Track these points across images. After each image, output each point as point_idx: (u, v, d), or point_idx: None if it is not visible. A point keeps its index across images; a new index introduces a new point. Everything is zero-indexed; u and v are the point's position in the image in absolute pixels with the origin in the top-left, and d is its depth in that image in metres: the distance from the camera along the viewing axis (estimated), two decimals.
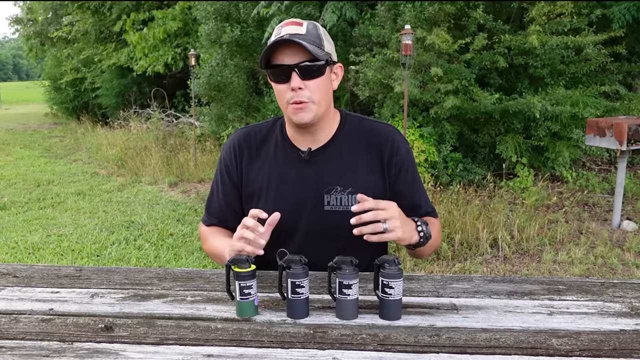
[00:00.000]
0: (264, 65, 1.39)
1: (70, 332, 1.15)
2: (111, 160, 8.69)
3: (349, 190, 1.44)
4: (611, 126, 4.62)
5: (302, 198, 1.46)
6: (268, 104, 7.89)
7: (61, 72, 15.22)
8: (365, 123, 1.53)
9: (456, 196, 5.25)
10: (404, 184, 1.51)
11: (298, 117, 1.39)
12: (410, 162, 1.52)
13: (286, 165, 1.48)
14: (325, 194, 1.45)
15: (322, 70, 1.38)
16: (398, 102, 5.84)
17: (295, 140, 1.49)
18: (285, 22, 1.39)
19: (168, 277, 1.46)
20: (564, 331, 1.14)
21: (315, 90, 1.37)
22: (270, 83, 1.44)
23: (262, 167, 1.51)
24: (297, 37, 1.33)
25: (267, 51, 1.36)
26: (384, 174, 1.48)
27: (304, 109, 1.37)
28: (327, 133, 1.48)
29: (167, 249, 4.64)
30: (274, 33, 1.38)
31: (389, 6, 6.13)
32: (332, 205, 1.45)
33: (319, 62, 1.36)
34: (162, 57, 10.46)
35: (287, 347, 1.08)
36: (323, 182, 1.46)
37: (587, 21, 5.75)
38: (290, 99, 1.37)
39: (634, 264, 4.09)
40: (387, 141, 1.48)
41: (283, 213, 1.38)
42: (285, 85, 1.37)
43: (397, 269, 1.20)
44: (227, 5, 7.98)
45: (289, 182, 1.47)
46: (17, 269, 1.54)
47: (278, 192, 1.48)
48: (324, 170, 1.46)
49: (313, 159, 1.47)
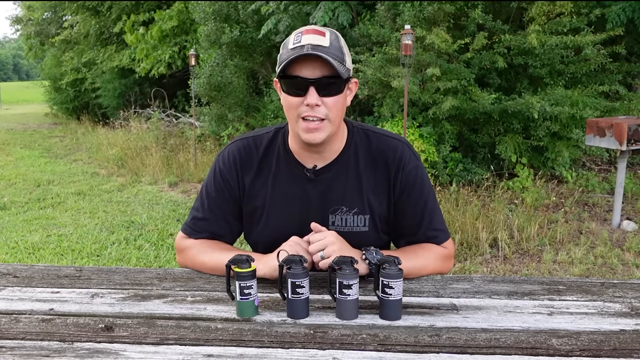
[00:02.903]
0: (280, 75, 1.29)
1: (70, 332, 1.15)
2: (111, 160, 8.69)
3: (355, 211, 1.40)
4: (611, 126, 4.62)
5: (307, 217, 1.38)
6: (268, 104, 7.89)
7: (61, 72, 15.22)
8: (373, 138, 1.43)
9: (456, 196, 5.25)
10: (406, 203, 1.43)
11: (310, 136, 1.30)
12: (416, 181, 1.43)
13: (290, 183, 1.41)
14: (331, 214, 1.41)
15: (342, 88, 1.30)
16: (397, 101, 5.84)
17: (299, 157, 1.41)
18: (306, 29, 1.29)
19: (168, 277, 1.46)
20: (564, 331, 1.14)
21: (332, 108, 1.29)
22: (280, 92, 1.34)
23: (265, 184, 1.43)
24: (321, 50, 1.24)
25: (287, 62, 1.25)
26: (390, 192, 1.42)
27: (319, 129, 1.29)
28: (334, 150, 1.40)
29: (167, 249, 4.64)
30: (292, 39, 1.29)
31: (389, 6, 6.14)
32: (337, 226, 1.40)
33: (340, 78, 1.27)
34: (161, 55, 10.46)
35: (287, 347, 1.08)
36: (328, 202, 1.40)
37: (586, 21, 5.75)
38: (302, 113, 1.28)
39: (634, 264, 4.09)
40: (394, 158, 1.40)
41: (287, 232, 1.37)
42: (299, 99, 1.28)
43: (397, 269, 1.20)
44: (226, 6, 7.99)
45: (293, 200, 1.41)
46: (17, 269, 1.54)
47: (282, 211, 1.42)
48: (330, 190, 1.40)
49: (318, 177, 1.40)
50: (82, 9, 12.84)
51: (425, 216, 1.45)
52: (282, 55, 1.30)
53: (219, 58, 8.24)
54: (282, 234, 1.37)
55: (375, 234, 1.44)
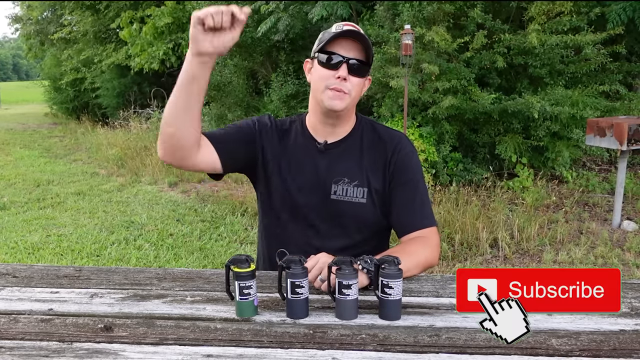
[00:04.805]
0: (319, 49, 1.46)
1: (69, 332, 1.15)
2: (111, 160, 8.69)
3: (355, 183, 1.55)
4: (611, 126, 4.62)
5: (313, 183, 1.55)
6: (268, 103, 7.89)
7: (61, 72, 15.22)
8: (377, 127, 1.63)
9: (456, 196, 5.25)
10: (399, 180, 1.55)
11: (333, 102, 1.47)
12: (410, 163, 1.57)
13: (303, 153, 1.57)
14: (333, 184, 1.55)
15: (366, 72, 1.50)
16: (397, 101, 5.84)
17: (314, 131, 1.58)
18: (346, 23, 1.49)
19: (168, 277, 1.46)
20: (564, 331, 1.14)
21: (355, 86, 1.48)
22: (308, 72, 1.54)
23: (282, 151, 1.58)
24: (359, 34, 1.45)
25: (331, 37, 1.44)
26: (385, 170, 1.56)
27: (342, 97, 1.46)
28: (344, 129, 1.58)
29: (167, 249, 4.64)
30: (334, 27, 1.48)
31: (388, 6, 6.14)
32: (337, 195, 1.54)
33: (367, 65, 1.49)
34: (156, 52, 10.47)
35: (287, 347, 1.08)
36: (333, 173, 1.55)
37: (586, 20, 5.75)
38: (331, 85, 1.45)
39: (634, 264, 4.09)
40: (392, 142, 1.58)
41: (294, 193, 1.54)
42: (332, 71, 1.45)
43: (396, 269, 1.20)
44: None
45: (303, 167, 1.57)
46: (16, 269, 1.54)
47: (291, 175, 1.56)
48: (336, 163, 1.56)
49: (328, 150, 1.57)
50: (79, 8, 12.84)
51: (416, 197, 1.56)
52: (323, 37, 1.50)
53: (219, 57, 8.24)
54: (293, 197, 1.55)
55: (372, 207, 1.55)
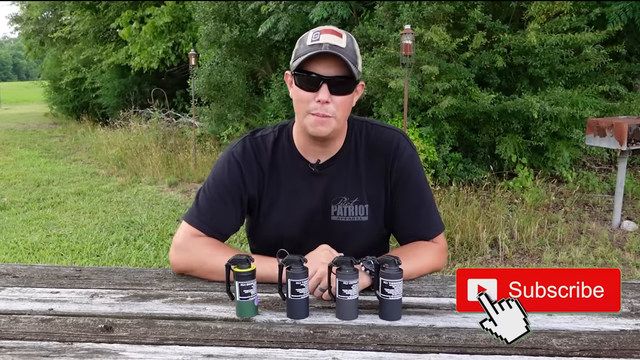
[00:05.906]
0: (295, 69, 1.33)
1: (69, 332, 1.15)
2: (111, 160, 8.69)
3: (355, 201, 1.46)
4: (611, 126, 4.62)
5: (311, 209, 1.46)
6: (268, 103, 7.88)
7: (61, 72, 15.21)
8: (370, 130, 1.49)
9: (456, 196, 5.25)
10: (402, 191, 1.48)
11: (316, 129, 1.35)
12: (412, 170, 1.48)
13: (295, 178, 1.46)
14: (332, 204, 1.46)
15: (352, 88, 1.36)
16: (396, 101, 5.84)
17: (304, 151, 1.46)
18: (323, 29, 1.35)
19: (168, 277, 1.46)
20: (564, 331, 1.14)
21: (340, 107, 1.34)
22: (290, 85, 1.39)
23: (272, 179, 1.47)
24: (338, 50, 1.29)
25: (305, 58, 1.30)
26: (387, 180, 1.48)
27: (325, 123, 1.34)
28: (336, 145, 1.46)
29: (167, 249, 4.63)
30: (311, 36, 1.33)
31: (388, 6, 6.13)
32: (338, 216, 1.46)
33: (352, 79, 1.33)
34: (155, 51, 10.48)
35: (287, 347, 1.08)
36: (331, 193, 1.46)
37: (586, 20, 5.75)
38: (312, 110, 1.33)
39: (634, 264, 4.09)
40: (390, 148, 1.47)
41: (292, 223, 1.45)
42: (311, 94, 1.32)
43: (397, 269, 1.20)
44: (226, 6, 7.99)
45: (298, 193, 1.46)
46: (16, 269, 1.54)
47: (287, 204, 1.47)
48: (332, 182, 1.46)
49: (322, 170, 1.46)
50: (79, 8, 12.84)
51: (422, 205, 1.49)
52: (298, 51, 1.35)
53: (219, 57, 8.24)
54: (288, 227, 1.46)
55: (375, 223, 1.48)
